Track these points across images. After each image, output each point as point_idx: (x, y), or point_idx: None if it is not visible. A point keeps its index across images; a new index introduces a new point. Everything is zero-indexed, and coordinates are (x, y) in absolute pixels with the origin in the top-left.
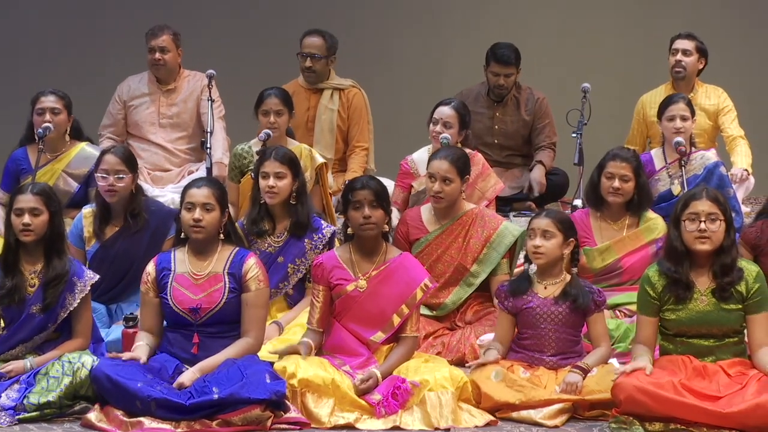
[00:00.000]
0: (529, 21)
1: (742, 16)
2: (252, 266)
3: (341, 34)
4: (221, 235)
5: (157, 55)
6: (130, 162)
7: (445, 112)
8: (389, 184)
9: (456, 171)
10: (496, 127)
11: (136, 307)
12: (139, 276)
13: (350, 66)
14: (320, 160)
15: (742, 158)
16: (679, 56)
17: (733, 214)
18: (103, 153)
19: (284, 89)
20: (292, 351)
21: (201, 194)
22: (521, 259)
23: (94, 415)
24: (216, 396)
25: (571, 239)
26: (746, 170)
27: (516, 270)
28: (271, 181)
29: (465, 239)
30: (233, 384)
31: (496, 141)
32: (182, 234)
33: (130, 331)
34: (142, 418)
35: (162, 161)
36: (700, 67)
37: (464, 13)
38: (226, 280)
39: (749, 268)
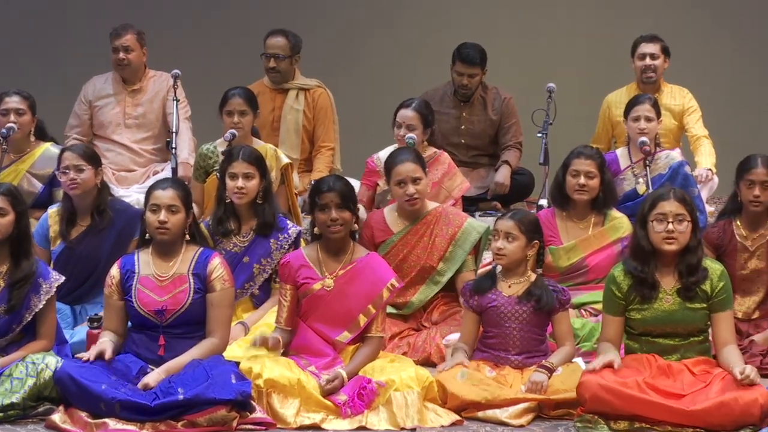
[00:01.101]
0: (495, 21)
1: (705, 16)
2: (217, 266)
3: (307, 33)
4: (186, 236)
5: (121, 54)
6: (89, 156)
7: (407, 114)
8: (355, 184)
9: (422, 168)
10: (463, 127)
11: (101, 308)
12: (104, 277)
13: (316, 66)
14: (285, 160)
15: (706, 158)
16: (647, 61)
17: (698, 214)
18: (62, 151)
19: (249, 89)
20: (264, 341)
21: (166, 196)
22: (487, 257)
23: (58, 417)
24: (181, 397)
25: (536, 241)
26: (710, 170)
27: (481, 270)
28: (240, 182)
29: (430, 238)
30: (199, 384)
31: (462, 141)
32: (146, 235)
33: (95, 332)
34: (106, 420)
35: (127, 161)
36: (666, 67)
37: (430, 13)
38: (191, 280)
39: (713, 267)
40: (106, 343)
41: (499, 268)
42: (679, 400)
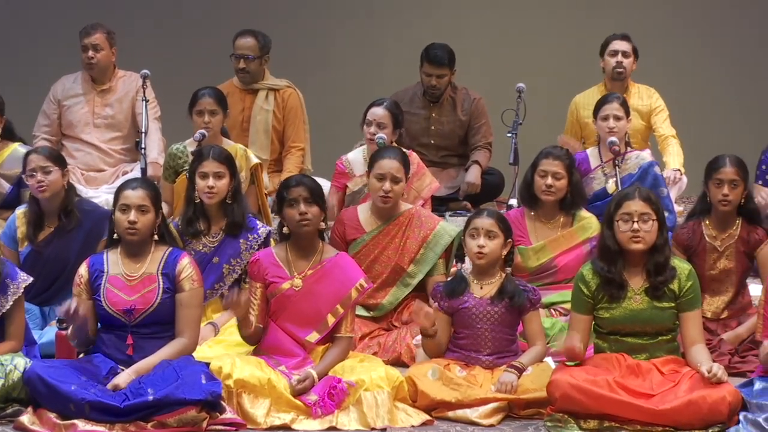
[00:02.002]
0: (464, 22)
1: (674, 15)
2: (186, 266)
3: (276, 33)
4: (155, 236)
5: (90, 53)
6: (55, 158)
7: (378, 112)
8: (326, 184)
9: (404, 170)
10: (433, 127)
11: None
12: (72, 277)
13: (285, 66)
14: (255, 160)
15: (674, 158)
16: (619, 57)
17: (667, 214)
18: (27, 154)
19: (218, 89)
20: (235, 299)
21: (136, 196)
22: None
23: (27, 418)
24: (151, 397)
25: (510, 239)
26: (679, 170)
27: (452, 270)
28: (211, 181)
29: (402, 239)
30: (168, 385)
31: (432, 141)
32: (114, 235)
33: (64, 332)
34: (75, 421)
35: (96, 161)
36: (634, 68)
37: (400, 13)
38: (160, 280)
39: (682, 266)
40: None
41: (469, 269)
42: (648, 400)
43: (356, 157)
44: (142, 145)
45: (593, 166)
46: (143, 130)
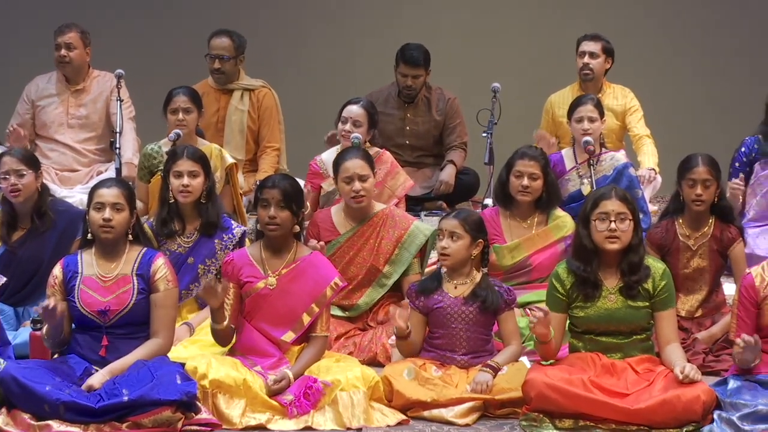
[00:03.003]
0: (439, 22)
1: (648, 15)
2: (160, 266)
3: (251, 34)
4: (129, 236)
5: (63, 51)
6: (29, 160)
7: (355, 111)
8: (300, 184)
9: (369, 167)
10: (408, 127)
11: None
12: (46, 278)
13: (260, 66)
14: (230, 160)
15: (648, 158)
16: (586, 59)
17: (641, 215)
18: (1, 156)
19: (192, 88)
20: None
21: (111, 194)
22: (434, 257)
23: (0, 419)
24: (126, 398)
25: (480, 240)
26: (653, 170)
27: (428, 269)
28: (185, 180)
29: (377, 240)
30: (143, 385)
31: (407, 142)
32: (89, 235)
33: (38, 333)
34: (50, 422)
35: (70, 162)
36: (607, 67)
37: (374, 14)
38: (135, 281)
39: (656, 265)
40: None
41: (444, 268)
42: (623, 399)
43: (330, 157)
44: (117, 145)
45: (568, 167)
46: (118, 130)
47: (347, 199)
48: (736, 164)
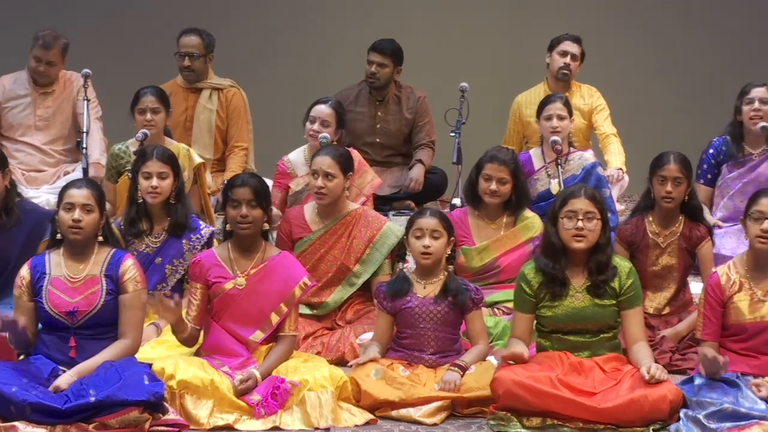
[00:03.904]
0: (409, 21)
1: (616, 16)
2: (129, 267)
3: (220, 33)
4: (99, 237)
5: (42, 68)
6: None
7: (323, 110)
8: (268, 184)
9: (339, 167)
10: (378, 126)
11: (10, 309)
12: (13, 278)
13: (229, 66)
14: (198, 160)
15: (615, 157)
16: (568, 59)
17: (609, 214)
18: None
19: (160, 88)
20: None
21: (81, 195)
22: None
23: None
24: (93, 399)
25: (452, 238)
26: (621, 169)
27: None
28: (155, 182)
29: (348, 239)
30: (111, 386)
31: (377, 140)
32: (57, 235)
33: (3, 335)
34: (16, 423)
35: (37, 162)
36: (578, 71)
37: (344, 13)
38: (103, 282)
39: (622, 264)
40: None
41: (412, 269)
42: (591, 398)
43: (298, 157)
44: (84, 146)
45: (537, 167)
46: (85, 130)
47: (311, 192)
48: (705, 165)
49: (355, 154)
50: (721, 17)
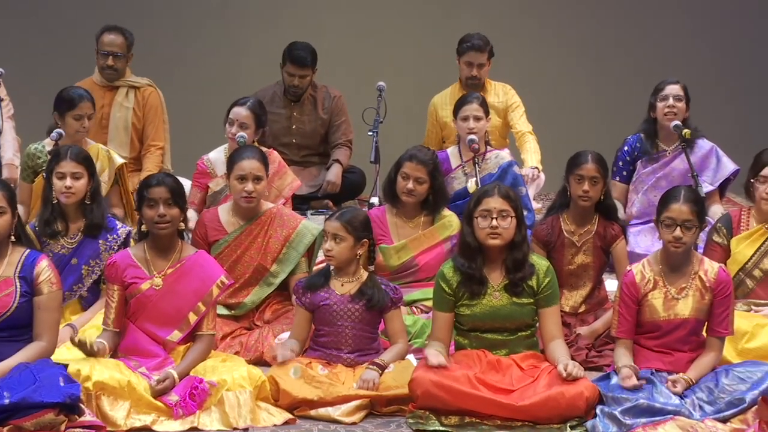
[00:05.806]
0: (326, 20)
1: (530, 16)
2: (44, 269)
3: (136, 31)
4: (12, 238)
5: None
6: None
7: (241, 113)
8: (186, 184)
9: (264, 169)
10: (294, 126)
11: None
12: None
13: (146, 64)
14: (120, 160)
15: (531, 155)
16: (474, 71)
17: (526, 213)
18: None
19: (88, 91)
20: (88, 348)
21: None
22: (321, 257)
23: None
24: (7, 401)
25: (365, 240)
26: (537, 168)
27: (315, 268)
28: (68, 182)
29: (264, 239)
30: (25, 388)
31: (293, 141)
32: None
33: None
34: None
35: None
36: (488, 69)
37: (261, 12)
38: (18, 284)
39: (540, 263)
40: None
41: (332, 266)
42: (508, 396)
43: (218, 157)
44: None
45: (454, 165)
46: None
47: (237, 197)
48: (620, 163)
49: (275, 155)
50: (636, 15)
